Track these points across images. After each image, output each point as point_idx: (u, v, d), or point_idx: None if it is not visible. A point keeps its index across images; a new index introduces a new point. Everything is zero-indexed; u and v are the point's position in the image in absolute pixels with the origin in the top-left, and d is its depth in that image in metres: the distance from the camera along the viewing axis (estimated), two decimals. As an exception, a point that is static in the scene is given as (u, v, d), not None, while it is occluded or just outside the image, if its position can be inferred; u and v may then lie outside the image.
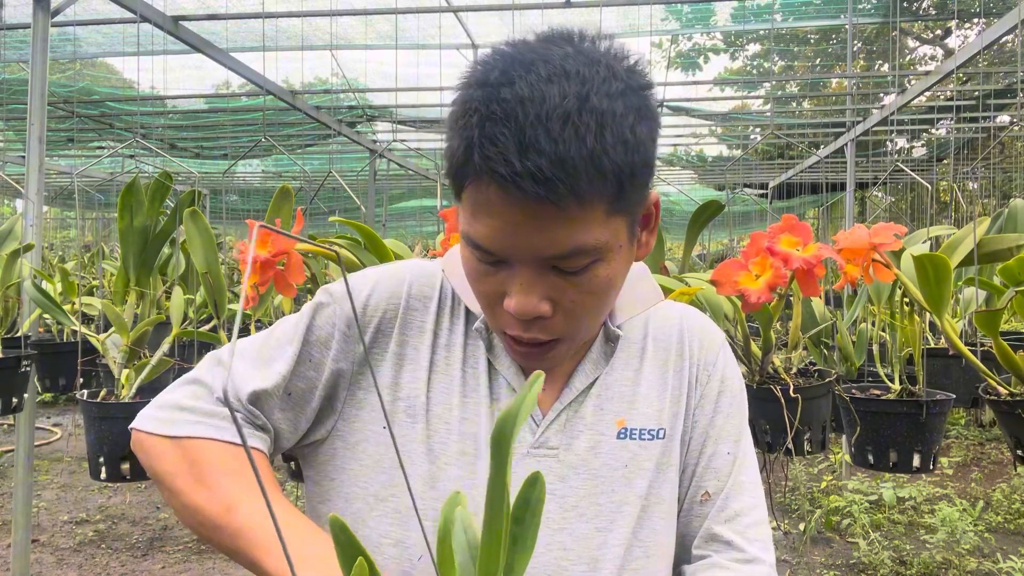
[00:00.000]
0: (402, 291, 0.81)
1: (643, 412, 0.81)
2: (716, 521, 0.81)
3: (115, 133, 6.29)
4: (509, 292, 0.68)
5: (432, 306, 0.81)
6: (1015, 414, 1.63)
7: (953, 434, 6.09)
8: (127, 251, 2.38)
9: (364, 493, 0.77)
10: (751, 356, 1.84)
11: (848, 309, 2.65)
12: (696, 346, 0.85)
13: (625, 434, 0.79)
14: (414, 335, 0.80)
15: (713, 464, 0.83)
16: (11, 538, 2.80)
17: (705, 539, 0.82)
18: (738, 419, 0.85)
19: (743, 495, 0.82)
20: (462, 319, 0.81)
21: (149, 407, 0.81)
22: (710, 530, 0.81)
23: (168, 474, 0.75)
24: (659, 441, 0.80)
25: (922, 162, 9.19)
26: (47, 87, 2.73)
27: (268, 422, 0.79)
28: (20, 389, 2.39)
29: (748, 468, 0.84)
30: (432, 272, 0.83)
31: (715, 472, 0.83)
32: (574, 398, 0.79)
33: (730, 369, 0.87)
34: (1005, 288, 1.81)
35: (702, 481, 0.83)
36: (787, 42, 9.29)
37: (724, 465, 0.83)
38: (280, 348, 0.81)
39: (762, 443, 1.88)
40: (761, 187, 10.48)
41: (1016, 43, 5.64)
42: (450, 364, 0.79)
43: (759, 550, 0.80)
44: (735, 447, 0.84)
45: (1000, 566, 3.66)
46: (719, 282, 1.49)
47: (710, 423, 0.83)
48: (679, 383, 0.83)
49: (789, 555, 3.94)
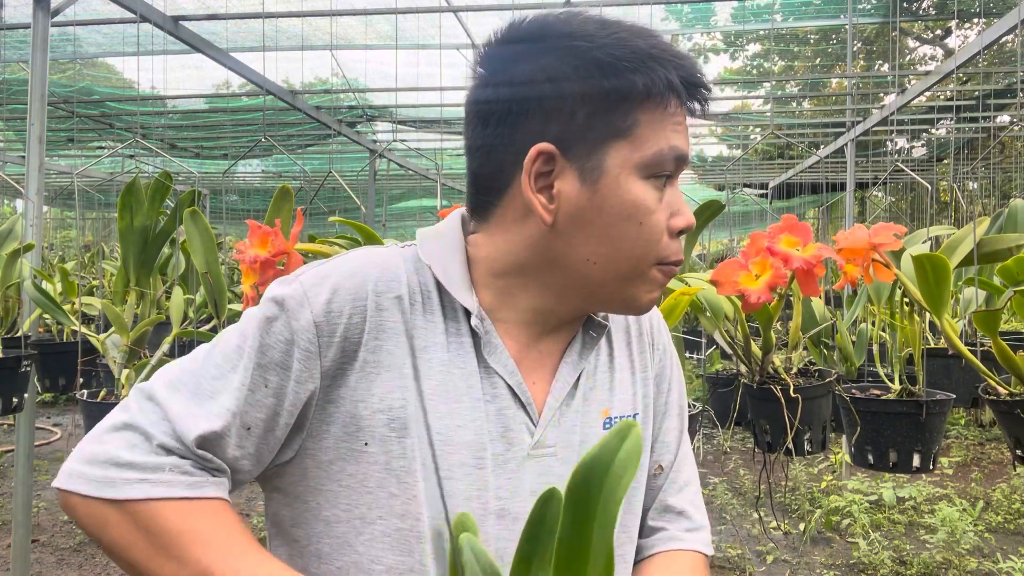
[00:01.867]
0: (366, 290, 0.71)
1: (621, 398, 0.81)
2: (669, 493, 0.86)
3: (115, 133, 6.29)
4: (678, 209, 0.73)
5: (403, 304, 0.72)
6: (1015, 414, 1.63)
7: (953, 434, 6.09)
8: (127, 251, 2.38)
9: (348, 516, 0.71)
10: (751, 356, 1.84)
11: (848, 309, 2.65)
12: (648, 324, 0.88)
13: (609, 423, 0.79)
14: (387, 339, 0.71)
15: (666, 439, 0.87)
16: (11, 538, 2.80)
17: (660, 510, 0.86)
18: (678, 390, 0.89)
19: (687, 465, 0.88)
20: (438, 315, 0.73)
21: (77, 461, 0.68)
22: (664, 502, 0.86)
23: (121, 546, 0.66)
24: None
25: (922, 162, 9.19)
26: (47, 87, 2.73)
27: (224, 462, 0.70)
28: (20, 389, 2.39)
29: (686, 440, 0.90)
30: (393, 264, 0.74)
31: (666, 446, 0.87)
32: (566, 393, 0.77)
33: (669, 341, 0.90)
34: (1004, 288, 1.81)
35: (657, 456, 0.87)
36: (787, 42, 9.29)
37: (673, 439, 0.88)
38: (223, 377, 0.70)
39: (762, 443, 1.88)
40: (761, 187, 10.48)
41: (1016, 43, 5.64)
42: (433, 367, 0.72)
43: (702, 516, 0.88)
44: (679, 420, 0.89)
45: (1000, 566, 3.66)
46: (719, 282, 1.49)
47: (662, 397, 0.87)
48: (643, 363, 0.85)
49: (789, 555, 3.94)
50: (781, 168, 9.31)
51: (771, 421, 1.82)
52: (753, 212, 11.07)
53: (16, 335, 2.57)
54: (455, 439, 0.71)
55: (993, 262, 2.01)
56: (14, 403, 2.37)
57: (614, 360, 0.82)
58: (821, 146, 7.17)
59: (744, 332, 1.81)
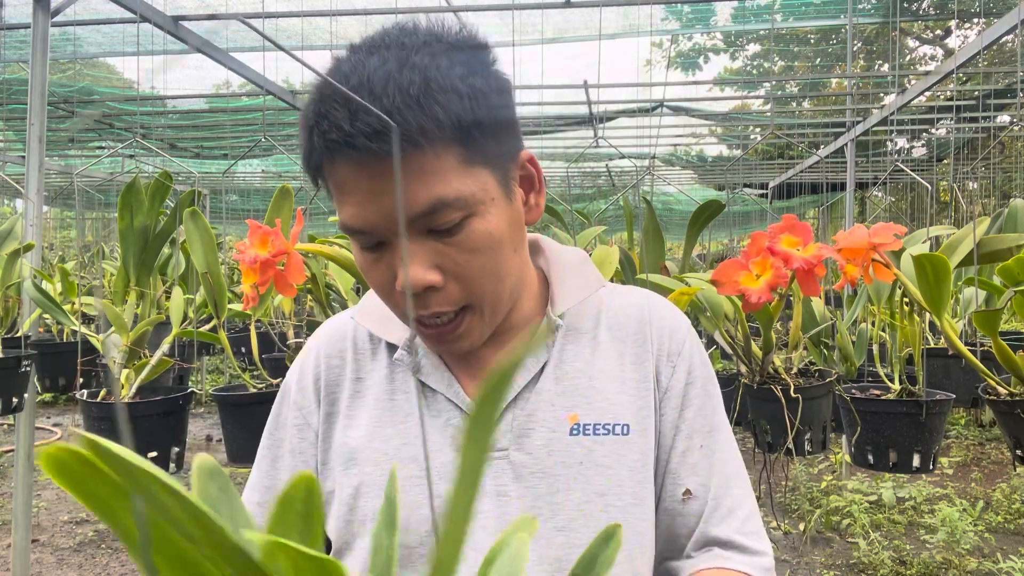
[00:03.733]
0: (319, 360, 0.83)
1: (598, 406, 0.77)
2: (711, 523, 0.78)
3: (115, 133, 6.29)
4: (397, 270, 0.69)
5: (347, 356, 0.83)
6: (1015, 414, 1.63)
7: (953, 434, 6.09)
8: (127, 251, 2.38)
9: (337, 545, 0.79)
10: (752, 356, 1.84)
11: (848, 309, 2.65)
12: (657, 335, 0.81)
13: (578, 430, 0.76)
14: (339, 390, 0.82)
15: (689, 460, 0.79)
16: (11, 538, 2.80)
17: (701, 543, 0.78)
18: (710, 410, 0.81)
19: (732, 490, 0.79)
20: (383, 356, 0.81)
21: None
22: (706, 534, 0.78)
23: None
24: (619, 436, 0.76)
25: (922, 162, 9.19)
26: (47, 87, 2.73)
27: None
28: (20, 389, 2.39)
29: (730, 460, 0.81)
30: (339, 325, 0.86)
31: (692, 468, 0.79)
32: (517, 394, 0.76)
33: (698, 358, 0.83)
34: (1005, 288, 1.81)
35: (679, 479, 0.79)
36: (787, 42, 9.29)
37: (701, 460, 0.79)
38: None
39: (763, 443, 1.88)
40: (761, 187, 10.48)
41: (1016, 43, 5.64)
42: (380, 398, 0.79)
43: (758, 543, 0.78)
44: (709, 440, 0.80)
45: (1000, 566, 3.66)
46: (720, 282, 1.49)
47: (680, 417, 0.80)
48: (641, 375, 0.80)
49: (789, 555, 3.94)
50: (781, 168, 9.31)
51: (771, 421, 1.82)
52: (753, 212, 11.06)
53: (16, 335, 2.56)
54: (401, 455, 0.77)
55: (993, 262, 2.01)
56: (14, 403, 2.37)
57: (595, 366, 0.79)
58: (821, 146, 7.17)
59: (744, 332, 1.81)
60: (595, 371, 0.79)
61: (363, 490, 0.76)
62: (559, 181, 8.55)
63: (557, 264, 0.84)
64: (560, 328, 0.80)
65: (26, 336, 2.57)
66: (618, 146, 5.68)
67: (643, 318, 0.82)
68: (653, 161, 6.51)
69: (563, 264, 0.85)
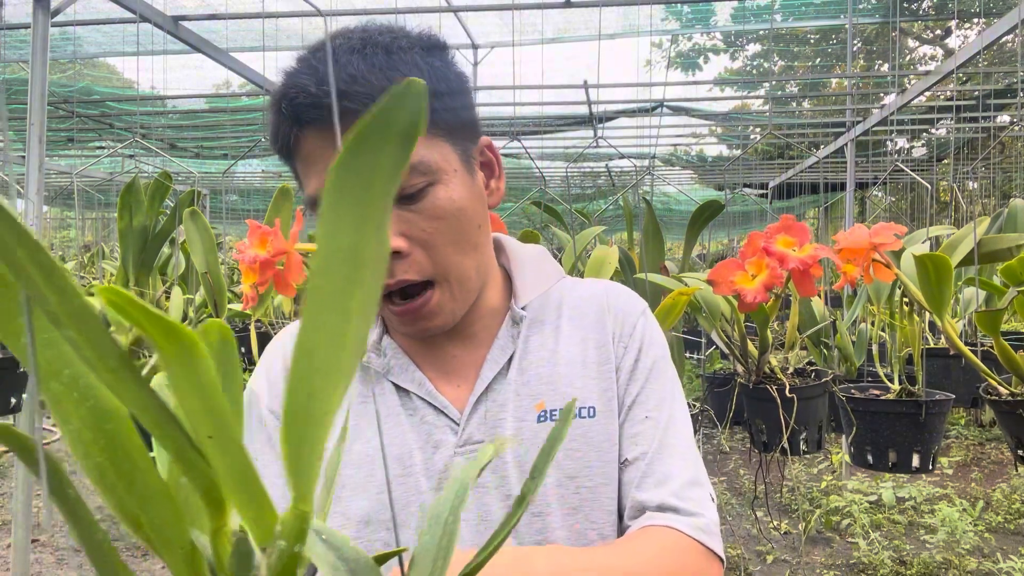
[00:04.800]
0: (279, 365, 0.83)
1: (562, 392, 0.79)
2: (642, 489, 0.77)
3: (115, 133, 6.30)
4: None
5: None
6: (1015, 414, 1.63)
7: (953, 434, 6.09)
8: (127, 251, 2.38)
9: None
10: (748, 356, 1.84)
11: (848, 309, 2.66)
12: (613, 318, 0.84)
13: (545, 416, 0.78)
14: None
15: (630, 430, 0.80)
16: (11, 538, 2.80)
17: (635, 511, 0.77)
18: (659, 386, 0.82)
19: (668, 459, 0.78)
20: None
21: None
22: (637, 500, 0.77)
23: None
24: (585, 419, 0.79)
25: (922, 162, 9.19)
26: (47, 87, 2.73)
27: None
28: (20, 389, 2.39)
29: (675, 434, 0.80)
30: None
31: (633, 438, 0.79)
32: (487, 387, 0.79)
33: (649, 337, 0.84)
34: (1005, 288, 1.81)
35: (623, 450, 0.80)
36: (787, 42, 9.30)
37: (644, 431, 0.79)
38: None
39: (758, 442, 1.89)
40: (761, 187, 10.48)
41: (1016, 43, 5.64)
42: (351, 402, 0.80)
43: (696, 508, 0.75)
44: (656, 413, 0.80)
45: (1000, 566, 3.66)
46: (716, 282, 1.49)
47: (626, 392, 0.82)
48: (602, 357, 0.82)
49: (789, 555, 3.94)
50: (781, 168, 9.30)
51: (767, 421, 1.82)
52: (753, 212, 11.07)
53: (16, 335, 2.57)
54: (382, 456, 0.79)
55: (993, 262, 2.01)
56: (13, 403, 2.37)
57: (558, 354, 0.81)
58: (821, 146, 7.17)
59: (740, 332, 1.81)
60: (559, 359, 0.81)
61: (345, 493, 0.77)
62: (559, 181, 8.55)
63: (517, 259, 0.87)
64: (524, 320, 0.82)
65: (26, 336, 2.57)
66: (618, 146, 5.68)
67: (602, 304, 0.85)
68: (653, 161, 6.51)
69: (523, 259, 0.88)
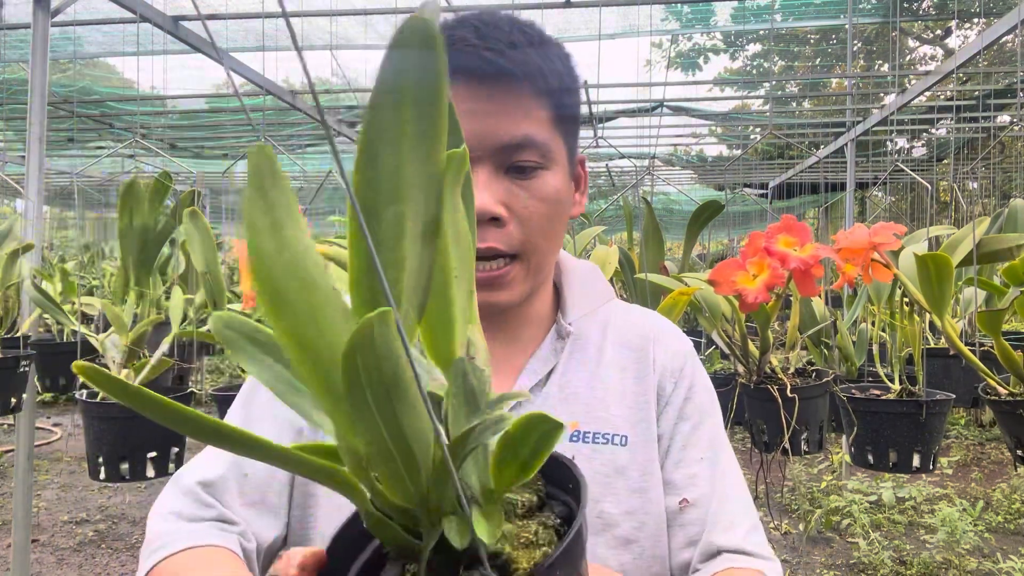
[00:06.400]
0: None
1: (598, 416, 0.78)
2: (715, 533, 0.76)
3: (115, 133, 6.29)
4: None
5: None
6: (1015, 414, 1.63)
7: (953, 434, 6.09)
8: (127, 251, 2.38)
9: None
10: (749, 356, 1.84)
11: (848, 309, 2.65)
12: (661, 353, 0.83)
13: (578, 437, 0.77)
14: None
15: (687, 470, 0.79)
16: (11, 538, 2.80)
17: (707, 554, 0.76)
18: (710, 427, 0.82)
19: (731, 504, 0.78)
20: None
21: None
22: (712, 543, 0.76)
23: None
24: (616, 447, 0.77)
25: (922, 162, 9.19)
26: (47, 87, 2.73)
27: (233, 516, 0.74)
28: (20, 389, 2.39)
29: (730, 477, 0.80)
30: None
31: (691, 479, 0.78)
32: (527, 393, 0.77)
33: (700, 377, 0.84)
34: (1006, 288, 1.80)
35: (676, 489, 0.78)
36: (787, 42, 9.29)
37: (701, 472, 0.79)
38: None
39: (759, 442, 1.88)
40: (761, 187, 10.48)
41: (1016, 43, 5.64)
42: None
43: (767, 552, 0.77)
44: (710, 453, 0.80)
45: (1000, 566, 3.66)
46: (717, 282, 1.49)
47: (675, 428, 0.80)
48: (641, 389, 0.80)
49: (789, 555, 3.94)
50: (781, 168, 9.30)
51: (768, 421, 1.82)
52: (753, 212, 11.06)
53: (16, 335, 2.56)
54: None
55: (993, 262, 2.01)
56: (14, 403, 2.37)
57: (598, 377, 0.80)
58: (821, 146, 7.17)
59: (741, 332, 1.81)
60: (597, 382, 0.80)
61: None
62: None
63: (570, 273, 0.86)
64: (570, 336, 0.81)
65: (26, 336, 2.57)
66: (618, 146, 5.68)
67: (648, 335, 0.84)
68: (653, 161, 6.50)
69: (576, 273, 0.87)
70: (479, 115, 0.70)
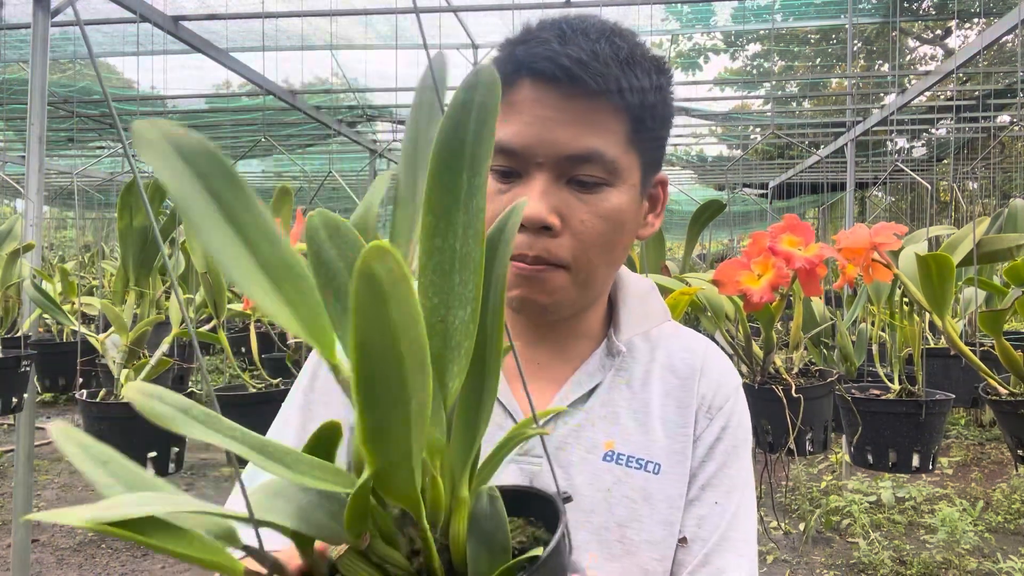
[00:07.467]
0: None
1: (634, 439, 0.76)
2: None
3: (115, 133, 6.29)
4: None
5: None
6: (1016, 414, 1.63)
7: (953, 434, 6.09)
8: (126, 251, 2.37)
9: None
10: (752, 356, 1.84)
11: (848, 309, 2.65)
12: (705, 385, 0.80)
13: (611, 457, 0.75)
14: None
15: (698, 511, 0.76)
16: (11, 538, 2.80)
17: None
18: (734, 471, 0.78)
19: (726, 553, 0.75)
20: None
21: None
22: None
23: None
24: (649, 474, 0.75)
25: (922, 162, 9.19)
26: (47, 87, 2.73)
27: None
28: (20, 389, 2.39)
29: (738, 525, 0.77)
30: None
31: (698, 519, 0.76)
32: (566, 407, 0.76)
33: (737, 417, 0.81)
34: (1006, 288, 1.80)
35: (685, 525, 0.76)
36: (787, 42, 9.30)
37: (710, 515, 0.76)
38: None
39: (764, 443, 1.88)
40: (761, 187, 10.48)
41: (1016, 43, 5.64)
42: None
43: None
44: (725, 500, 0.77)
45: (1000, 566, 3.66)
46: (721, 282, 1.48)
47: (700, 467, 0.78)
48: (681, 419, 0.78)
49: (789, 555, 3.94)
50: (781, 168, 9.30)
51: (772, 421, 1.82)
52: (753, 212, 11.07)
53: (16, 335, 2.56)
54: None
55: (993, 262, 2.01)
56: (14, 403, 2.37)
57: (639, 399, 0.78)
58: (821, 146, 7.17)
59: (745, 332, 1.80)
60: (639, 404, 0.78)
61: None
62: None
63: (626, 290, 0.84)
64: (620, 355, 0.79)
65: (26, 336, 2.57)
66: (618, 146, 5.65)
67: (696, 365, 0.81)
68: (653, 161, 6.49)
69: (633, 291, 0.84)
70: (546, 122, 0.67)
